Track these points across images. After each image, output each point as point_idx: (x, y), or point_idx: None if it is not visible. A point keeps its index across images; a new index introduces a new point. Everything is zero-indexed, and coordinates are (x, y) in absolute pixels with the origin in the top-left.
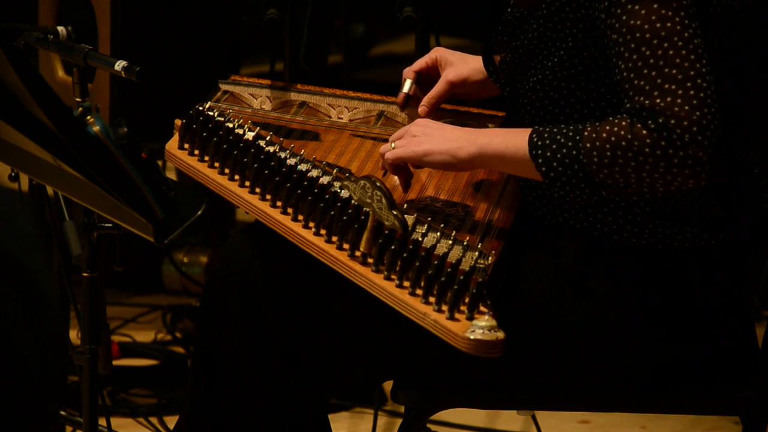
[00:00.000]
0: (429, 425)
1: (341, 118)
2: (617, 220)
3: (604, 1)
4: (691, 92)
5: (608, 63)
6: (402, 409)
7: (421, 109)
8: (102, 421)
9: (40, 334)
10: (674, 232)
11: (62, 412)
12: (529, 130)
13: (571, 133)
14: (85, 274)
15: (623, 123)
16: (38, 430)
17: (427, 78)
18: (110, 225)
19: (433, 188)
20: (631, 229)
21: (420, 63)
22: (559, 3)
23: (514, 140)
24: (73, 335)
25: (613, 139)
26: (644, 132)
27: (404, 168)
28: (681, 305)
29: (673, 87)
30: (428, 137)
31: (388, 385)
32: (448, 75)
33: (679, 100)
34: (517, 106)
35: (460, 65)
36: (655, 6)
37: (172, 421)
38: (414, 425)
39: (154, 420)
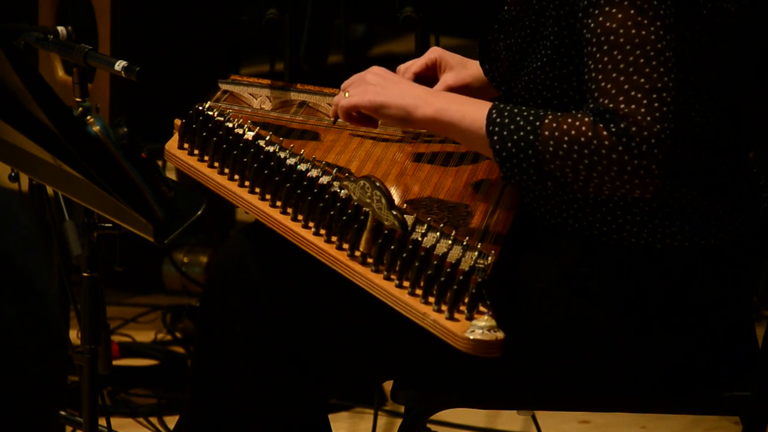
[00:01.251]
0: (429, 425)
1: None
2: (616, 219)
3: (583, 0)
4: (656, 104)
5: None
6: (402, 409)
7: None
8: (102, 421)
9: (40, 334)
10: (673, 232)
11: (62, 412)
12: (489, 104)
13: (531, 117)
14: (85, 274)
15: (586, 119)
16: (38, 430)
17: (423, 79)
18: (110, 225)
19: (433, 187)
20: (630, 228)
21: (419, 64)
22: (545, 1)
23: (473, 111)
24: (73, 335)
25: (573, 132)
26: (605, 133)
27: (360, 116)
28: (680, 305)
29: (639, 95)
30: (385, 89)
31: (388, 385)
32: (448, 79)
33: (642, 110)
34: (510, 99)
35: (461, 71)
36: (632, 12)
37: (172, 421)
38: (414, 425)
39: (154, 420)
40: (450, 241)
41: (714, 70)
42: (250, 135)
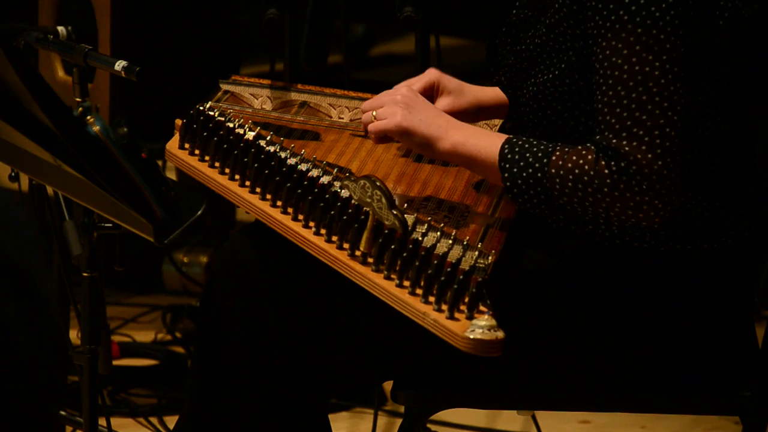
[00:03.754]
0: (429, 425)
1: (342, 118)
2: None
3: (593, 29)
4: (657, 141)
5: None
6: (402, 409)
7: None
8: (102, 421)
9: (40, 334)
10: (676, 235)
11: (62, 412)
12: (504, 137)
13: (540, 154)
14: (85, 274)
15: (589, 157)
16: (38, 430)
17: None
18: (110, 225)
19: (434, 187)
20: (632, 233)
21: (418, 86)
22: (560, 15)
23: (488, 146)
24: (73, 335)
25: (577, 171)
26: (606, 171)
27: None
28: (681, 305)
29: (641, 132)
30: (413, 115)
31: (388, 385)
32: (445, 106)
33: (643, 147)
34: (517, 106)
35: (458, 97)
36: (638, 48)
37: (172, 421)
38: (414, 425)
39: (154, 420)
40: (450, 241)
41: (726, 75)
42: (250, 135)
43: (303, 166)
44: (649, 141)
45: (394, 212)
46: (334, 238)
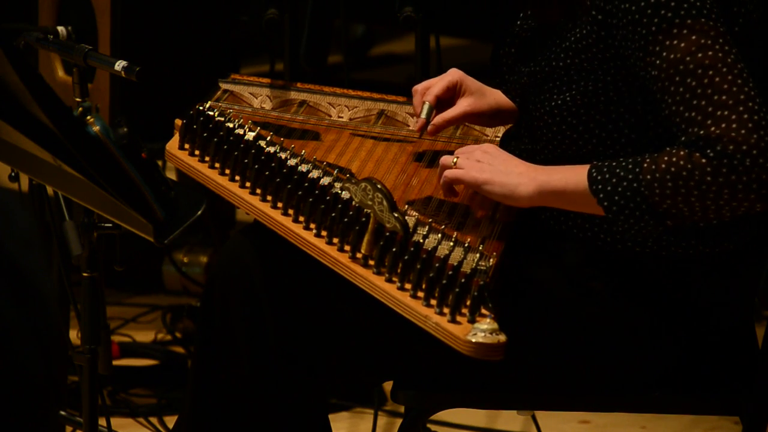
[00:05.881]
0: (429, 425)
1: (341, 117)
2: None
3: (639, 41)
4: (745, 116)
5: (632, 96)
6: (402, 409)
7: (431, 128)
8: (102, 421)
9: (39, 334)
10: (678, 239)
11: (62, 412)
12: (587, 166)
13: (630, 166)
14: (85, 274)
15: (681, 153)
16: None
17: (441, 100)
18: (110, 225)
19: (434, 189)
20: (634, 238)
21: (440, 86)
22: (588, 42)
23: (573, 176)
24: (73, 335)
25: (672, 169)
26: (703, 161)
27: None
28: (681, 306)
29: (726, 113)
30: (491, 166)
31: (388, 385)
32: (466, 106)
33: (734, 125)
34: (528, 116)
35: (479, 98)
36: (694, 37)
37: (172, 421)
38: (414, 425)
39: (154, 420)
40: (452, 243)
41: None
42: (251, 135)
43: (303, 167)
44: (737, 118)
45: (396, 215)
46: (335, 241)
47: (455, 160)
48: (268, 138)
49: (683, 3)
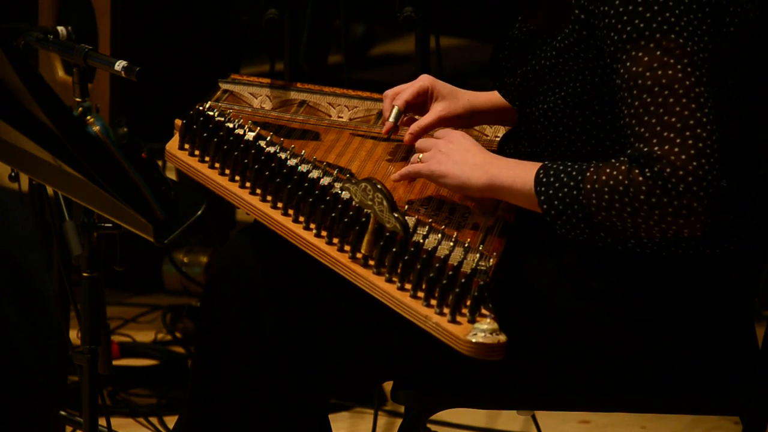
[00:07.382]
0: (429, 425)
1: (341, 117)
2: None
3: (610, 46)
4: (689, 141)
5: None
6: (402, 409)
7: (408, 137)
8: (102, 421)
9: (39, 334)
10: (678, 240)
11: (62, 412)
12: (539, 165)
13: (574, 173)
14: (85, 274)
15: (622, 167)
16: (38, 430)
17: (413, 106)
18: (110, 225)
19: (434, 188)
20: (634, 241)
21: (410, 92)
22: (570, 41)
23: (522, 173)
24: (73, 335)
25: (611, 183)
26: (640, 179)
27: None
28: (682, 306)
29: (672, 135)
30: (448, 157)
31: (388, 385)
32: (440, 111)
33: (676, 149)
34: (526, 118)
35: (452, 102)
36: (658, 53)
37: (172, 421)
38: (414, 425)
39: (154, 420)
40: (452, 243)
41: (738, 82)
42: (250, 135)
43: (303, 168)
44: (681, 142)
45: (396, 215)
46: (335, 241)
47: (420, 155)
48: (268, 138)
49: (658, 17)
